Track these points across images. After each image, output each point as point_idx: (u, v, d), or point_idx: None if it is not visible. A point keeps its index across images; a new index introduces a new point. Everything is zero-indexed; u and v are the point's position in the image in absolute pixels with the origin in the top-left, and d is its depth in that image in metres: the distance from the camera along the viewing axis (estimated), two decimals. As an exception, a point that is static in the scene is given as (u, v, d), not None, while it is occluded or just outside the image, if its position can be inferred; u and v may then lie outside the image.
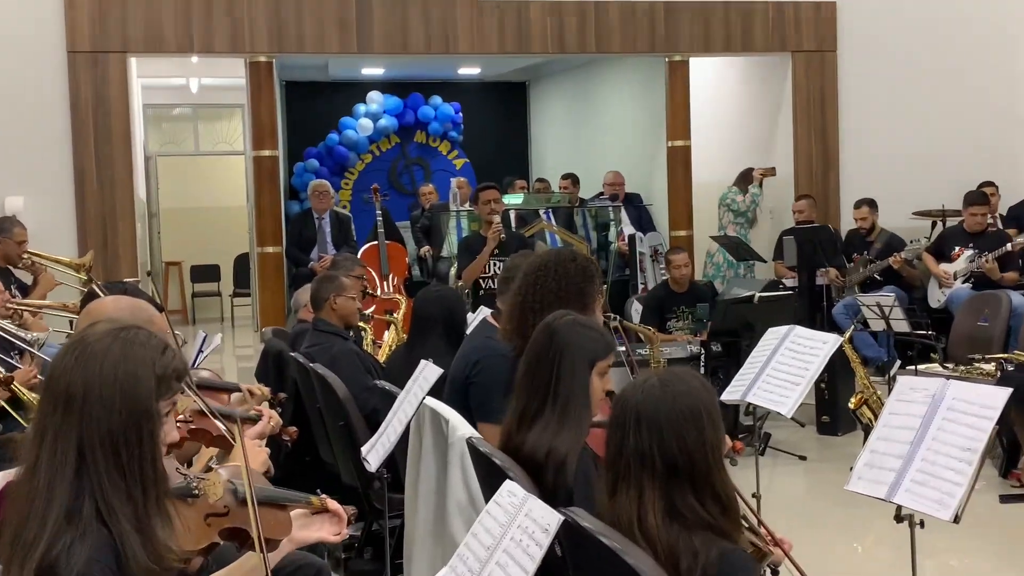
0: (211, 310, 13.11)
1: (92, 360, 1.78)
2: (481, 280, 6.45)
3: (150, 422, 1.79)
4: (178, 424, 2.68)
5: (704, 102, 9.88)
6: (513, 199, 9.12)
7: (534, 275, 3.17)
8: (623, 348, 4.88)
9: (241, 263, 12.63)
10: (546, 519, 1.76)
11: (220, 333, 5.18)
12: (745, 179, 9.01)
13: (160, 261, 12.49)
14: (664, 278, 7.51)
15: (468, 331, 4.29)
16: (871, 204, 8.15)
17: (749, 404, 3.89)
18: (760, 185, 8.92)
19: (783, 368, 3.83)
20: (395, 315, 6.06)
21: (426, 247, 9.35)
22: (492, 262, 6.42)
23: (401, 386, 3.38)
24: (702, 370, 6.04)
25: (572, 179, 9.70)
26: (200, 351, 4.59)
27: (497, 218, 6.42)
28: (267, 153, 8.43)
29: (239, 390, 3.38)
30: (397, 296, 6.76)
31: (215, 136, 13.34)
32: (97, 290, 3.29)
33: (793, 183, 9.10)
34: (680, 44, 8.89)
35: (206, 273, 13.22)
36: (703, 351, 6.25)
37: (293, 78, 12.07)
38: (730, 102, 10.08)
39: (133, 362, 1.80)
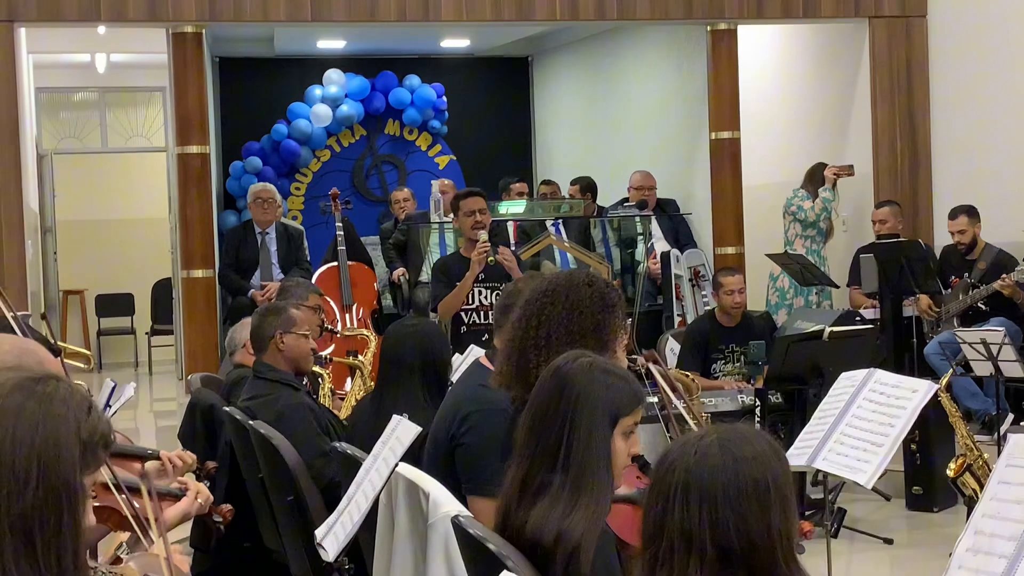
0: (122, 352, 13.10)
1: (2, 419, 1.77)
2: (463, 313, 6.45)
3: (72, 501, 1.78)
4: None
5: (756, 82, 9.93)
6: (512, 207, 9.14)
7: (539, 303, 3.17)
8: (654, 399, 4.89)
9: (161, 292, 12.63)
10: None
11: (133, 382, 5.18)
12: (814, 179, 9.01)
13: (56, 289, 12.50)
14: (708, 308, 7.50)
15: (454, 377, 4.28)
16: (971, 213, 8.15)
17: (818, 471, 3.87)
18: (834, 187, 8.93)
19: (861, 425, 3.82)
20: (361, 357, 6.06)
21: (400, 269, 9.36)
22: (477, 289, 6.43)
23: (367, 449, 3.37)
24: (757, 426, 6.03)
25: (585, 185, 9.70)
26: (107, 405, 4.59)
27: (484, 234, 6.44)
28: (195, 149, 8.46)
29: (156, 457, 3.37)
30: (364, 332, 6.76)
31: (128, 128, 13.39)
32: None
33: (872, 185, 9.13)
34: (726, 8, 8.94)
35: (116, 305, 13.22)
36: (758, 402, 6.23)
37: (229, 53, 12.13)
38: (790, 82, 10.13)
39: (53, 425, 1.79)
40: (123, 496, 2.74)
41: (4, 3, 7.83)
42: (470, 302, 6.43)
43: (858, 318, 7.79)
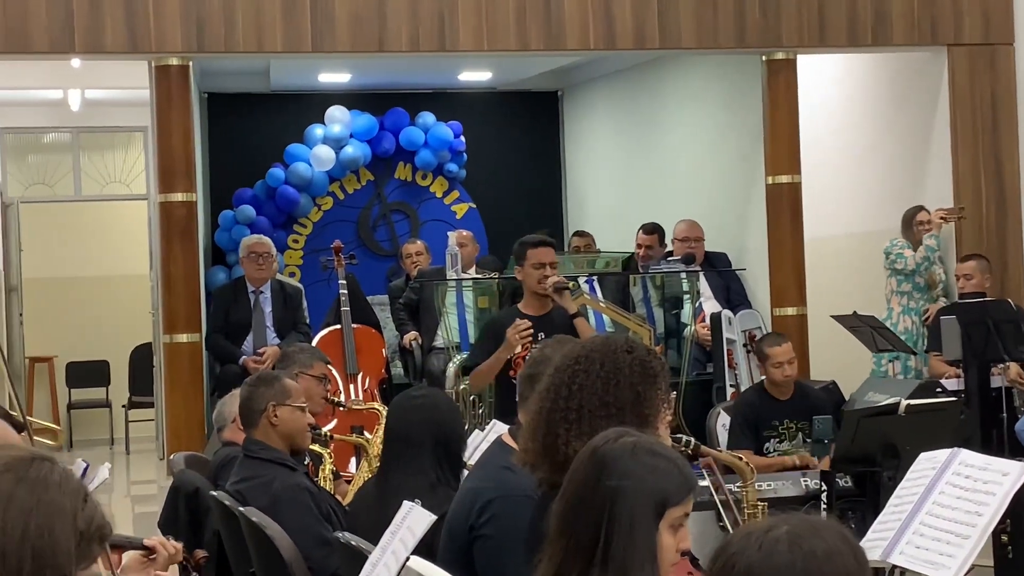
0: (96, 427, 13.13)
1: None
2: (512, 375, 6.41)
3: None
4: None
5: (818, 120, 9.94)
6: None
7: (570, 371, 3.16)
8: (706, 483, 4.86)
9: (140, 359, 12.68)
10: None
11: (108, 462, 5.19)
12: (910, 224, 9.00)
13: (22, 356, 12.56)
14: (760, 380, 7.48)
15: (474, 457, 4.27)
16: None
17: (894, 567, 3.83)
18: (937, 233, 8.85)
19: (944, 513, 3.78)
20: (368, 435, 6.05)
21: (412, 333, 9.37)
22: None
23: (373, 538, 3.36)
24: (823, 514, 5.98)
25: (655, 230, 9.73)
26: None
27: (554, 282, 6.45)
28: (180, 197, 8.52)
29: (139, 547, 3.37)
30: (376, 406, 6.72)
31: (104, 173, 13.52)
32: None
33: (955, 237, 9.10)
34: (784, 35, 8.98)
35: (89, 374, 13.28)
36: (824, 486, 6.18)
37: (219, 88, 12.26)
38: (857, 119, 10.14)
39: (48, 513, 1.81)
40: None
41: (-34, 33, 7.95)
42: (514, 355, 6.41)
43: (939, 389, 7.74)
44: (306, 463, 5.04)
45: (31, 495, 1.81)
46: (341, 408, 6.88)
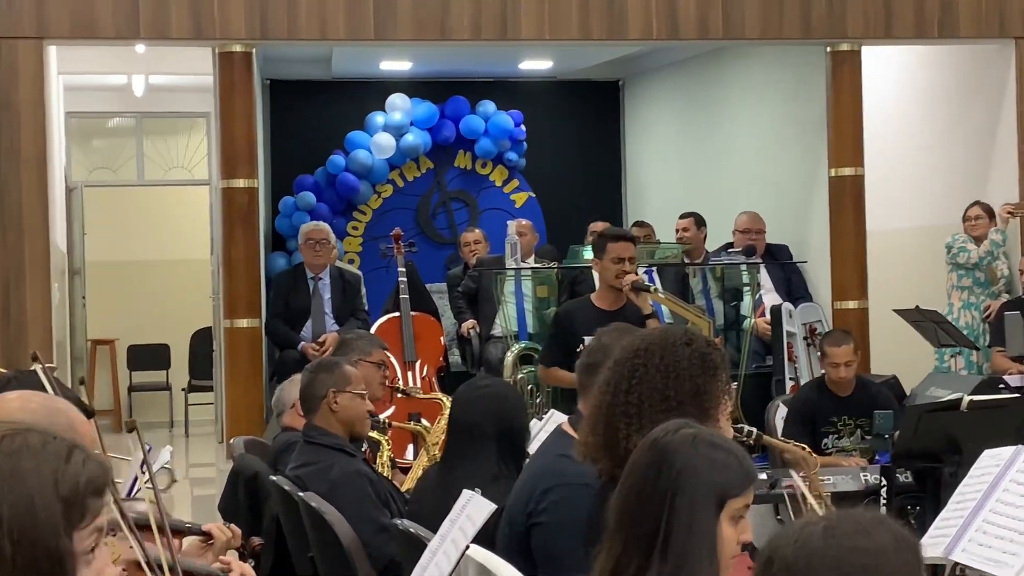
0: (156, 410, 13.26)
1: None
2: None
3: (60, 568, 1.77)
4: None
5: (882, 112, 9.87)
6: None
7: (629, 364, 3.16)
8: (765, 475, 4.84)
9: (201, 343, 12.79)
10: None
11: (169, 445, 5.25)
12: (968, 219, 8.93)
13: (84, 339, 12.70)
14: (820, 375, 7.44)
15: (532, 447, 4.28)
16: None
17: (957, 566, 3.80)
18: (1003, 228, 8.77)
19: (1008, 511, 3.75)
20: (425, 422, 6.06)
21: (470, 321, 9.40)
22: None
23: (433, 527, 3.37)
24: (883, 510, 5.94)
25: (699, 220, 9.71)
26: (141, 471, 4.63)
27: (633, 281, 6.44)
28: (242, 183, 8.57)
29: (197, 532, 3.40)
30: (439, 397, 6.71)
31: (167, 158, 13.63)
32: None
33: (1020, 230, 9.01)
34: (849, 27, 8.92)
35: (150, 357, 13.41)
36: (884, 481, 6.15)
37: (281, 75, 12.32)
38: (922, 112, 10.05)
39: (23, 484, 1.77)
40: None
41: (33, 19, 8.03)
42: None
43: (1002, 385, 7.66)
44: (364, 450, 5.06)
45: (4, 472, 1.77)
46: (403, 395, 6.88)
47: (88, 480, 1.82)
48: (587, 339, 6.37)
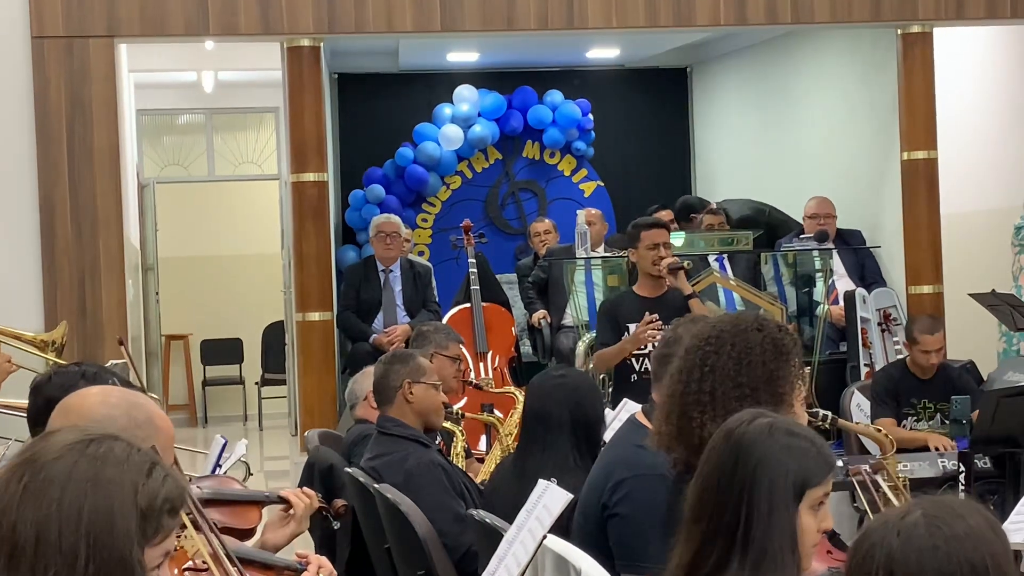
0: (230, 404, 13.40)
1: (47, 490, 1.77)
2: (633, 360, 6.43)
3: None
4: (185, 572, 2.74)
5: (955, 94, 9.75)
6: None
7: (701, 352, 3.15)
8: (841, 462, 4.81)
9: (273, 337, 12.90)
10: None
11: (244, 438, 5.30)
12: None
13: (158, 334, 12.84)
14: (901, 357, 7.38)
15: (607, 436, 4.28)
16: None
17: (1037, 550, 3.77)
18: None
19: (1090, 495, 3.71)
20: (499, 413, 6.08)
21: (541, 311, 9.40)
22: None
23: (509, 518, 3.38)
24: (962, 495, 5.89)
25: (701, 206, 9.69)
26: (217, 464, 4.68)
27: (668, 263, 6.44)
28: (312, 177, 8.63)
29: (276, 501, 3.42)
30: (512, 390, 6.72)
31: (237, 154, 13.74)
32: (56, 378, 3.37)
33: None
34: (920, 8, 8.83)
35: (223, 351, 13.55)
36: (963, 467, 6.10)
37: (348, 69, 12.37)
38: (995, 93, 9.92)
39: (106, 491, 1.79)
40: (236, 568, 2.79)
41: (104, 18, 8.11)
42: (641, 347, 6.41)
43: (1081, 369, 7.57)
44: (437, 441, 5.08)
45: (88, 477, 1.78)
46: (477, 389, 6.91)
47: (166, 498, 1.84)
48: (631, 327, 6.47)
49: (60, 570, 1.74)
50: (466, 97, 12.15)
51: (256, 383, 13.04)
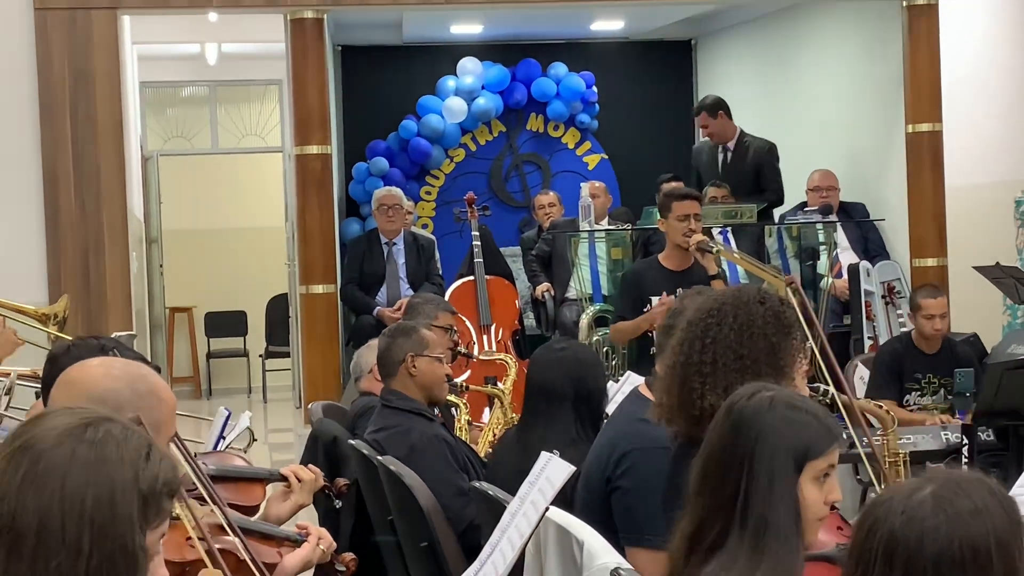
0: (234, 376, 13.41)
1: (48, 476, 1.75)
2: (653, 332, 6.42)
3: (131, 566, 1.77)
4: (189, 544, 2.75)
5: (961, 66, 9.72)
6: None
7: (703, 324, 3.15)
8: (844, 435, 4.80)
9: (277, 310, 12.90)
10: None
11: (247, 411, 5.29)
12: None
13: (162, 307, 12.85)
14: (906, 330, 7.37)
15: (610, 408, 4.28)
16: None
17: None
18: None
19: (1093, 468, 3.70)
20: (501, 385, 6.09)
21: (544, 284, 9.39)
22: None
23: (511, 489, 3.39)
24: (964, 467, 5.89)
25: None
26: (221, 436, 4.69)
27: (698, 241, 6.42)
28: (315, 150, 8.62)
29: (278, 478, 3.43)
30: (503, 356, 6.79)
31: (241, 126, 13.72)
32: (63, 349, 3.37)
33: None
34: (925, -21, 8.80)
35: (227, 324, 13.55)
36: (966, 440, 6.10)
37: (352, 41, 12.34)
38: (1001, 66, 9.89)
39: (107, 477, 1.76)
40: (239, 539, 2.80)
41: (107, -11, 8.11)
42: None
43: (1085, 342, 7.57)
44: (436, 414, 5.08)
45: (87, 464, 1.75)
46: (470, 359, 6.93)
47: (165, 481, 1.82)
48: (654, 299, 6.47)
49: (63, 560, 1.72)
50: (470, 70, 12.12)
51: (260, 355, 13.04)
